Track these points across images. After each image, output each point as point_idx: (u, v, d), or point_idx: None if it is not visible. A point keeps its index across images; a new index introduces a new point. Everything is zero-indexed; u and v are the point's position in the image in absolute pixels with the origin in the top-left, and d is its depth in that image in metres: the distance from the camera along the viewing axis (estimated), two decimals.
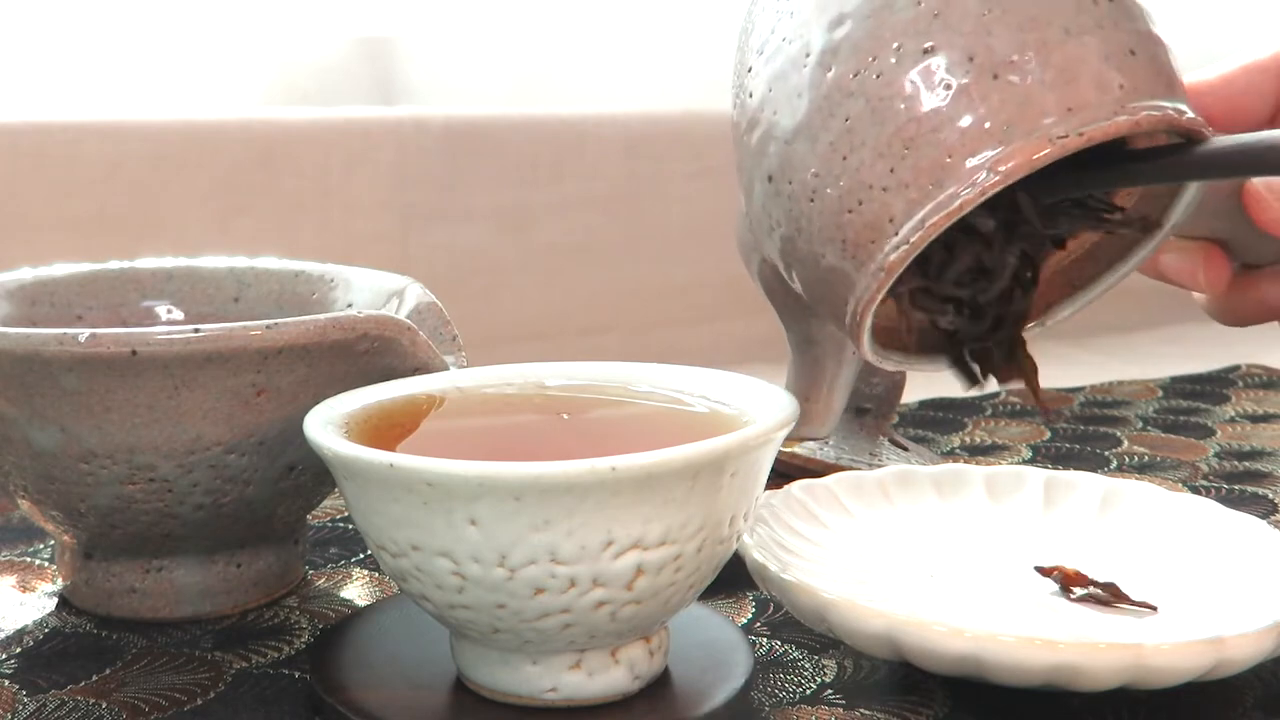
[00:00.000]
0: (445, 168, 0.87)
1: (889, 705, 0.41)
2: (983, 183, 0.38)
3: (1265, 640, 0.39)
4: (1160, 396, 0.80)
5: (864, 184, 0.40)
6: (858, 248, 0.40)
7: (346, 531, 0.56)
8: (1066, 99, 0.39)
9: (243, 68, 0.90)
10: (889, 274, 0.40)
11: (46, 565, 0.52)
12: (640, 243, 0.93)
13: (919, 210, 0.39)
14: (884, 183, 0.39)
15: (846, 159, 0.40)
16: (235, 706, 0.41)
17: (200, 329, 0.41)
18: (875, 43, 0.40)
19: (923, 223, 0.39)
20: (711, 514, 0.37)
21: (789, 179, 0.42)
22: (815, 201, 0.41)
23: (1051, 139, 0.38)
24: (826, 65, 0.41)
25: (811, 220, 0.41)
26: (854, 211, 0.40)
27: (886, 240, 0.40)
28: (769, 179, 0.42)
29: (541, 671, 0.38)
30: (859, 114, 0.40)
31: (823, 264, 0.42)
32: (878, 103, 0.39)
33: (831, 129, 0.40)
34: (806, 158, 0.41)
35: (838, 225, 0.41)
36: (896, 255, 0.40)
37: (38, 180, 0.78)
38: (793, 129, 0.41)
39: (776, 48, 0.43)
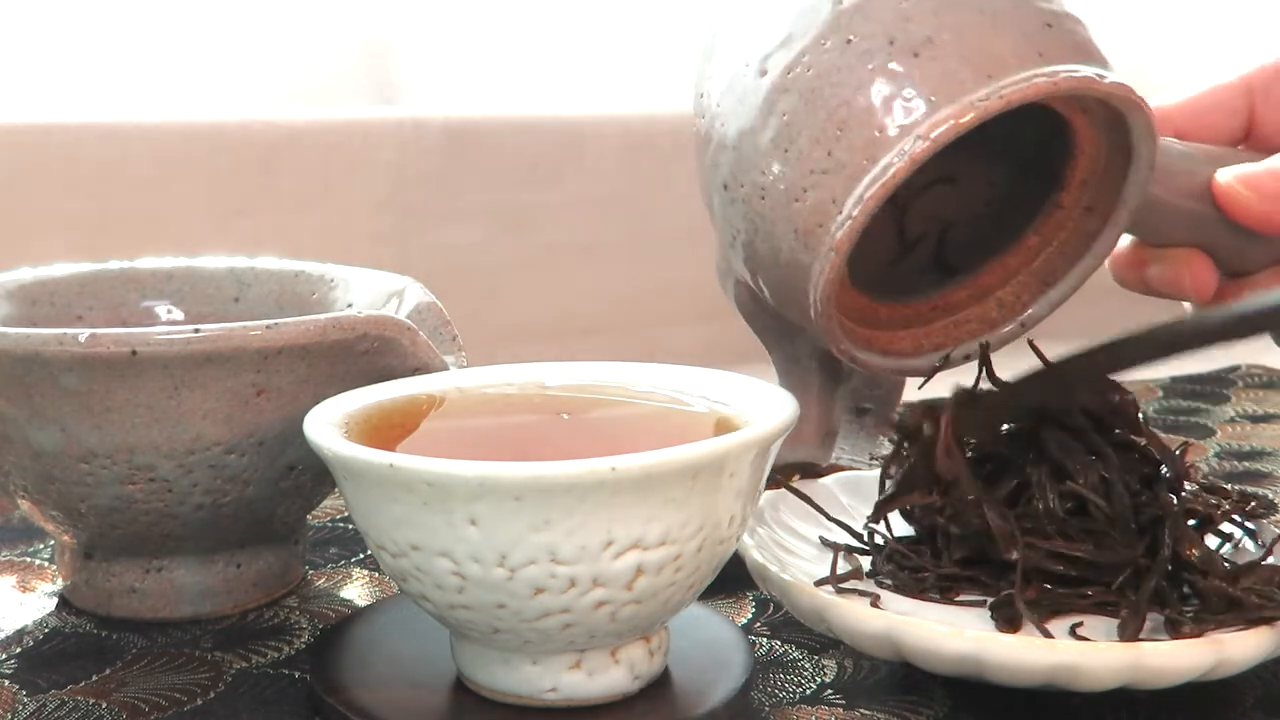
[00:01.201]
0: (445, 168, 0.87)
1: (889, 705, 0.41)
2: (912, 150, 0.40)
3: (1265, 640, 0.39)
4: (1160, 396, 0.80)
5: (806, 172, 0.41)
6: (808, 235, 0.42)
7: (346, 531, 0.56)
8: (986, 68, 0.41)
9: (243, 68, 0.90)
10: (839, 253, 0.41)
11: (46, 565, 0.52)
12: (640, 243, 0.93)
13: (857, 185, 0.41)
14: (824, 166, 0.41)
15: (788, 151, 0.42)
16: (235, 706, 0.41)
17: (200, 329, 0.41)
18: (804, 41, 0.42)
19: (861, 197, 0.40)
20: (711, 514, 0.37)
21: (741, 183, 0.43)
22: (766, 199, 0.43)
23: (974, 103, 0.40)
24: (763, 70, 0.43)
25: (765, 218, 0.43)
26: (800, 200, 0.42)
27: (832, 220, 0.41)
28: (724, 187, 0.44)
29: (541, 671, 0.38)
30: (794, 108, 0.42)
31: (781, 259, 0.43)
32: (810, 95, 0.41)
33: (771, 126, 0.42)
34: (753, 158, 0.43)
35: (788, 217, 0.42)
36: (843, 232, 0.41)
37: (38, 180, 0.77)
38: (738, 134, 0.43)
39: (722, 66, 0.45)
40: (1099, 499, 0.42)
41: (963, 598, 0.42)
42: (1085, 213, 0.46)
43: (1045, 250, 0.47)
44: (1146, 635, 0.40)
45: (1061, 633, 0.40)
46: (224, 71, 0.89)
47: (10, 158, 0.77)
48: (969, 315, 0.48)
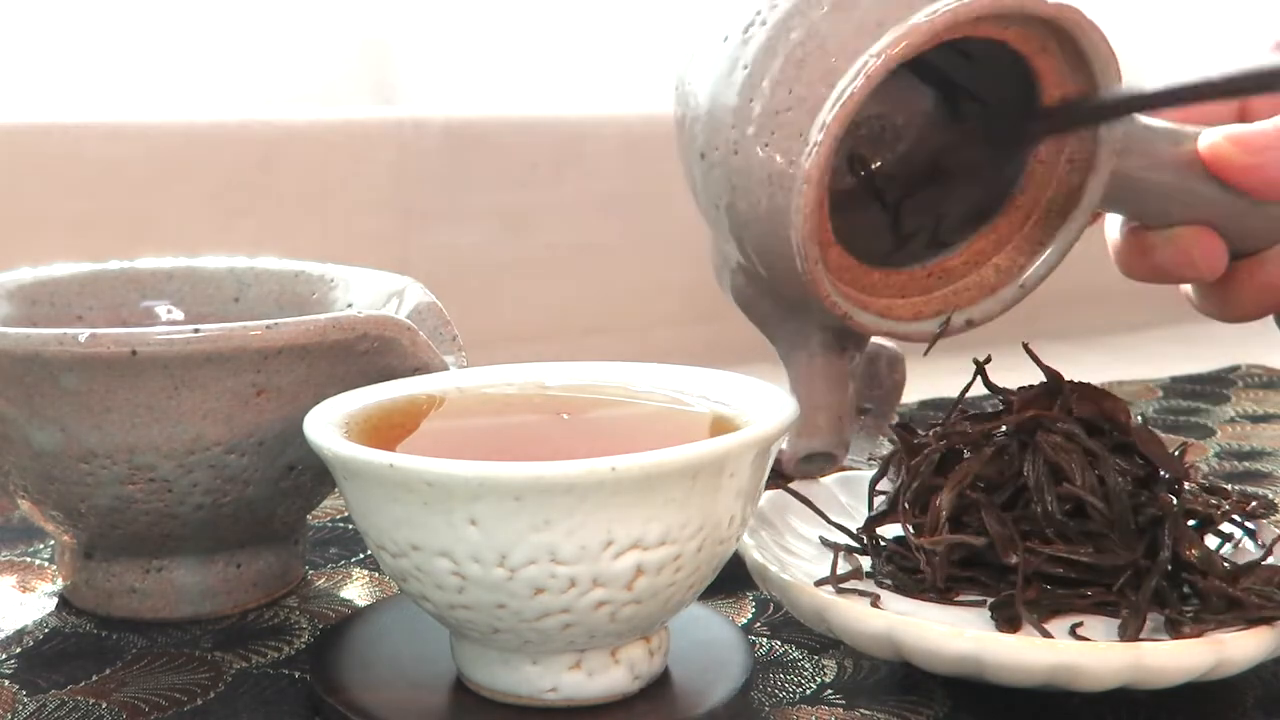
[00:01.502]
0: (445, 168, 0.87)
1: (889, 705, 0.41)
2: (865, 69, 0.41)
3: (1265, 640, 0.39)
4: (1160, 396, 0.80)
5: (771, 114, 0.42)
6: (780, 176, 0.42)
7: (346, 531, 0.56)
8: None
9: (243, 68, 0.90)
10: (810, 182, 0.41)
11: (46, 565, 0.52)
12: (640, 243, 0.93)
13: (819, 115, 0.41)
14: (787, 104, 0.42)
15: (753, 100, 0.43)
16: (235, 706, 0.41)
17: (200, 329, 0.41)
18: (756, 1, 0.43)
19: (824, 123, 0.41)
20: (711, 514, 0.37)
21: (715, 145, 0.44)
22: (739, 153, 0.43)
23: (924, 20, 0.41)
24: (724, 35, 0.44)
25: (740, 173, 0.43)
26: (769, 144, 0.42)
27: (801, 154, 0.42)
28: (701, 157, 0.45)
29: (541, 671, 0.38)
30: (755, 58, 0.43)
31: (761, 211, 0.43)
32: (768, 42, 0.42)
33: (736, 81, 0.43)
34: (722, 118, 0.43)
35: (761, 164, 0.43)
36: (810, 160, 0.41)
37: (38, 180, 0.77)
38: (709, 99, 0.44)
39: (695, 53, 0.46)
40: (1097, 500, 0.42)
41: (963, 598, 0.42)
42: (1068, 165, 0.46)
43: (1035, 210, 0.47)
44: (1146, 635, 0.40)
45: (1061, 633, 0.40)
46: (224, 71, 0.89)
47: (10, 158, 0.77)
48: (967, 283, 0.48)
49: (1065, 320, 0.86)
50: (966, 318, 0.47)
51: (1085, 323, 0.94)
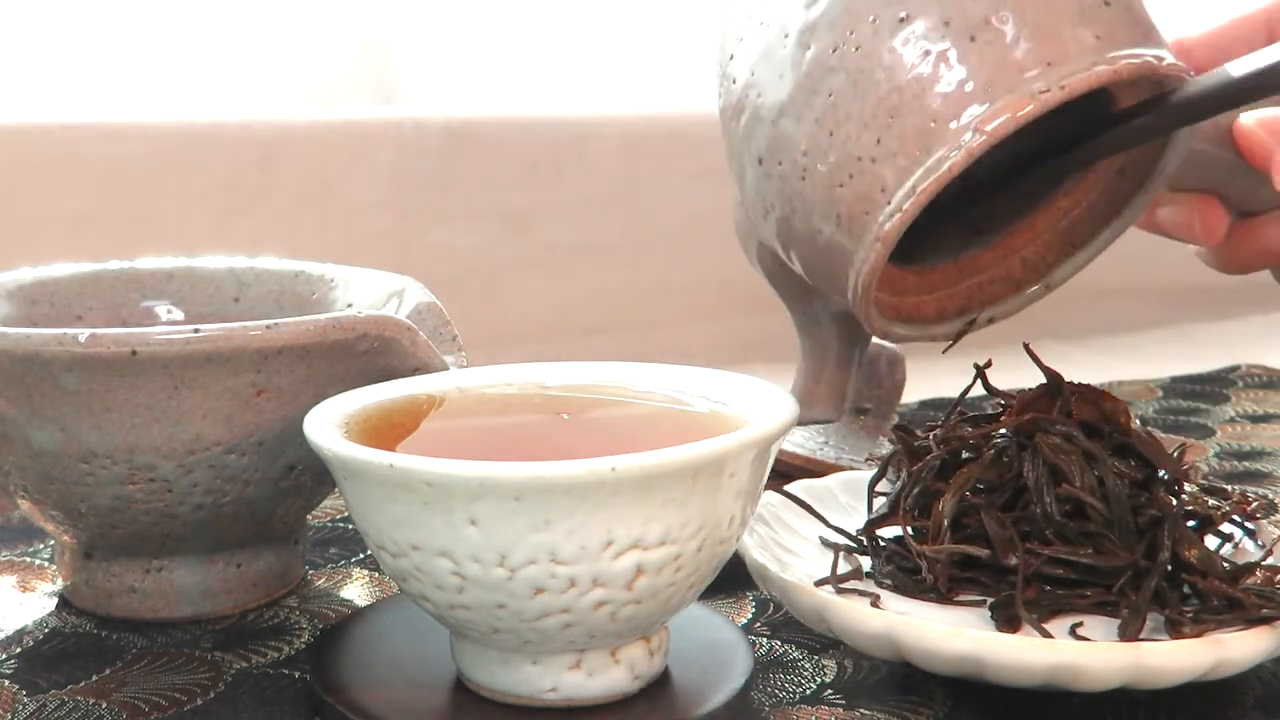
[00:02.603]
0: (445, 168, 0.87)
1: (889, 705, 0.41)
2: (969, 143, 0.39)
3: (1265, 640, 0.39)
4: (1160, 396, 0.80)
5: (853, 157, 0.40)
6: (852, 220, 0.41)
7: (346, 531, 0.56)
8: (1044, 54, 0.39)
9: (243, 68, 0.90)
10: (885, 244, 0.40)
11: (46, 565, 0.52)
12: (640, 243, 0.93)
13: (909, 177, 0.39)
14: (872, 154, 0.40)
15: (833, 134, 0.40)
16: (235, 706, 0.41)
17: (200, 329, 0.41)
18: (851, 17, 0.40)
19: (914, 189, 0.39)
20: (711, 514, 0.37)
21: (778, 159, 0.42)
22: (806, 179, 0.41)
23: (1033, 94, 0.39)
24: (805, 43, 0.41)
25: (804, 198, 0.42)
26: (845, 185, 0.40)
27: (880, 210, 0.40)
28: (759, 162, 0.43)
29: (541, 671, 0.38)
30: (841, 88, 0.40)
31: (820, 241, 0.42)
32: (859, 75, 0.40)
33: (815, 106, 0.41)
34: (794, 137, 0.41)
35: (831, 200, 0.41)
36: (891, 224, 0.40)
37: (38, 180, 0.77)
38: (778, 109, 0.42)
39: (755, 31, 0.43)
40: (1096, 501, 0.42)
41: (962, 598, 0.42)
42: (1118, 175, 0.45)
43: (1074, 211, 0.47)
44: (1146, 635, 0.40)
45: (1061, 633, 0.40)
46: (224, 71, 0.89)
47: (10, 158, 0.77)
48: (993, 275, 0.47)
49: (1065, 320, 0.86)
50: (989, 315, 0.47)
51: (1085, 323, 0.94)
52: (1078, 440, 0.43)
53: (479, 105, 0.93)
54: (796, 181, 0.41)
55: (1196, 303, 0.99)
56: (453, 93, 0.95)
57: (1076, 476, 0.42)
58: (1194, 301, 0.99)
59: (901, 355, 0.59)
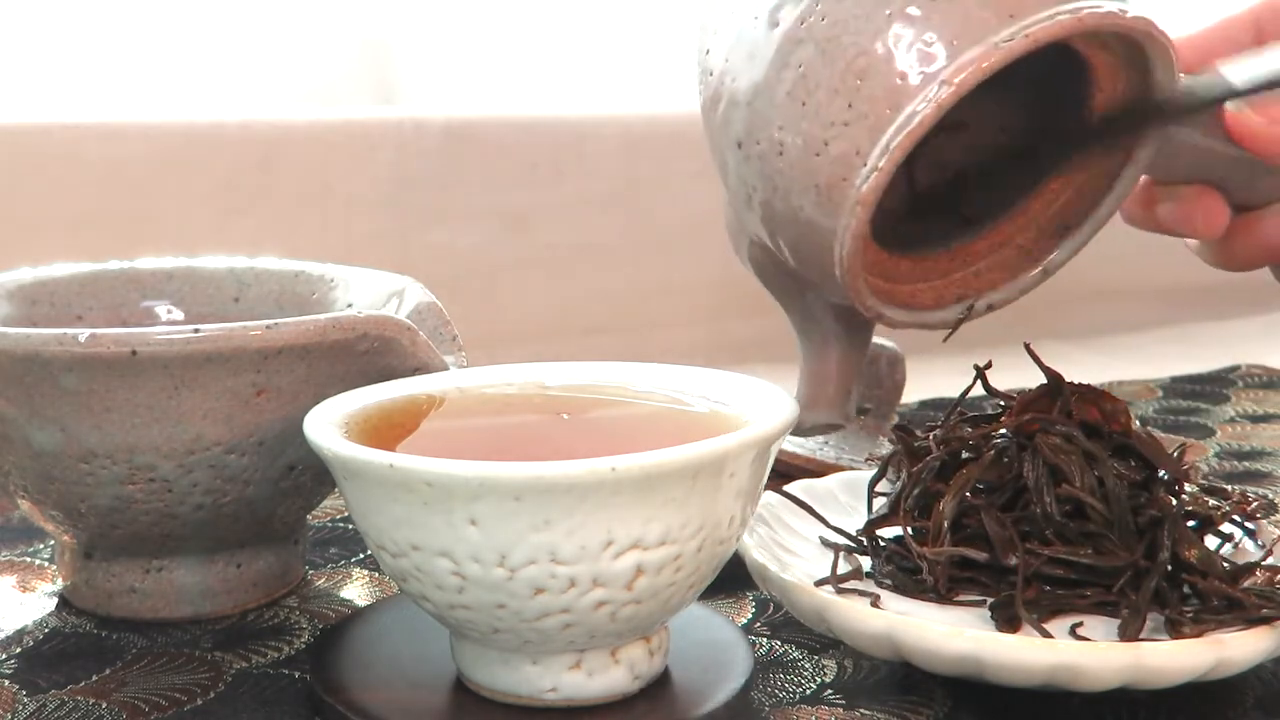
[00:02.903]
0: (445, 168, 0.87)
1: (889, 705, 0.41)
2: (937, 96, 0.39)
3: (1265, 640, 0.39)
4: (1160, 396, 0.80)
5: (826, 123, 0.40)
6: (831, 189, 0.41)
7: (346, 531, 0.56)
8: (1007, 8, 0.39)
9: (243, 68, 0.90)
10: (865, 206, 0.40)
11: (46, 565, 0.52)
12: (640, 243, 0.93)
13: (881, 136, 0.39)
14: (844, 118, 0.40)
15: (805, 104, 0.41)
16: (235, 706, 0.41)
17: (200, 329, 0.41)
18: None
19: (887, 147, 0.39)
20: (711, 514, 0.37)
21: (756, 139, 0.42)
22: (784, 154, 0.41)
23: (997, 44, 0.39)
24: (774, 21, 0.41)
25: (783, 175, 0.42)
26: (821, 154, 0.40)
27: (856, 173, 0.40)
28: (738, 146, 0.43)
29: (541, 671, 0.38)
30: (810, 59, 0.40)
31: (802, 218, 0.42)
32: (826, 44, 0.40)
33: (786, 79, 0.41)
34: (768, 113, 0.41)
35: (809, 171, 0.41)
36: (868, 185, 0.40)
37: (38, 180, 0.77)
38: (751, 89, 0.42)
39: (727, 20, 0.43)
40: (1096, 501, 0.42)
41: (962, 598, 0.42)
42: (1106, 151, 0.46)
43: (1065, 193, 0.46)
44: (1146, 635, 0.40)
45: (1061, 633, 0.40)
46: (224, 71, 0.89)
47: (10, 158, 0.77)
48: (989, 263, 0.47)
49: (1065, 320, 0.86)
50: (987, 302, 0.47)
51: (1085, 323, 0.94)
52: (1078, 440, 0.43)
53: (479, 105, 0.93)
54: (775, 159, 0.42)
55: (1196, 303, 0.99)
56: (453, 93, 0.95)
57: (1076, 477, 0.42)
58: (1194, 301, 0.99)
59: (901, 355, 0.59)
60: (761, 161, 0.42)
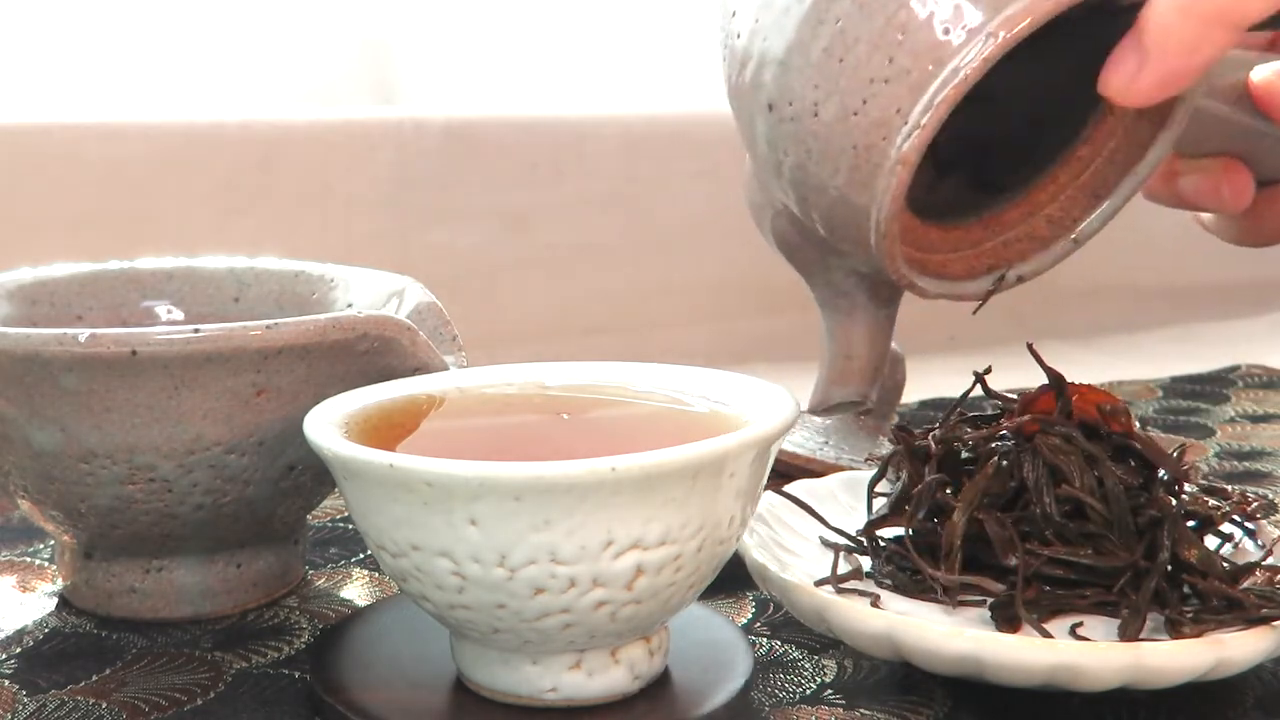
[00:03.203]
0: (445, 168, 0.87)
1: (889, 705, 0.41)
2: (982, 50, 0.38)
3: (1265, 640, 0.39)
4: (1160, 396, 0.80)
5: (865, 80, 0.39)
6: (869, 149, 0.39)
7: (346, 531, 0.56)
8: None
9: (243, 68, 0.90)
10: (906, 166, 0.39)
11: (46, 565, 0.52)
12: (640, 243, 0.93)
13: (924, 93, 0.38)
14: (884, 74, 0.39)
15: (843, 60, 0.39)
16: (235, 706, 0.41)
17: (200, 329, 0.41)
18: None
19: (931, 103, 0.38)
20: (711, 514, 0.37)
21: (789, 100, 0.41)
22: (820, 115, 0.40)
23: None
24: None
25: (819, 137, 0.40)
26: (859, 113, 0.39)
27: (897, 132, 0.39)
28: (769, 108, 0.41)
29: (541, 671, 0.38)
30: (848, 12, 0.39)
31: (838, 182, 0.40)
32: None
33: (823, 35, 0.40)
34: (804, 72, 0.40)
35: (846, 132, 0.40)
36: (910, 144, 0.38)
37: (38, 180, 0.78)
38: (785, 49, 0.40)
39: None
40: (1096, 502, 0.42)
41: (963, 598, 0.42)
42: (1136, 118, 0.44)
43: (1095, 160, 0.45)
44: (1146, 635, 0.40)
45: (1061, 633, 0.40)
46: (224, 71, 0.89)
47: (10, 158, 0.77)
48: (1019, 234, 0.46)
49: (1065, 320, 0.86)
50: (1018, 274, 0.46)
51: (1085, 323, 0.94)
52: (1077, 441, 0.43)
53: (479, 105, 0.93)
54: (809, 120, 0.40)
55: (1196, 303, 0.99)
56: (453, 93, 0.95)
57: (1076, 477, 0.42)
58: (1194, 301, 0.99)
59: (901, 355, 0.59)
60: (795, 124, 0.41)
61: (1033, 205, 0.46)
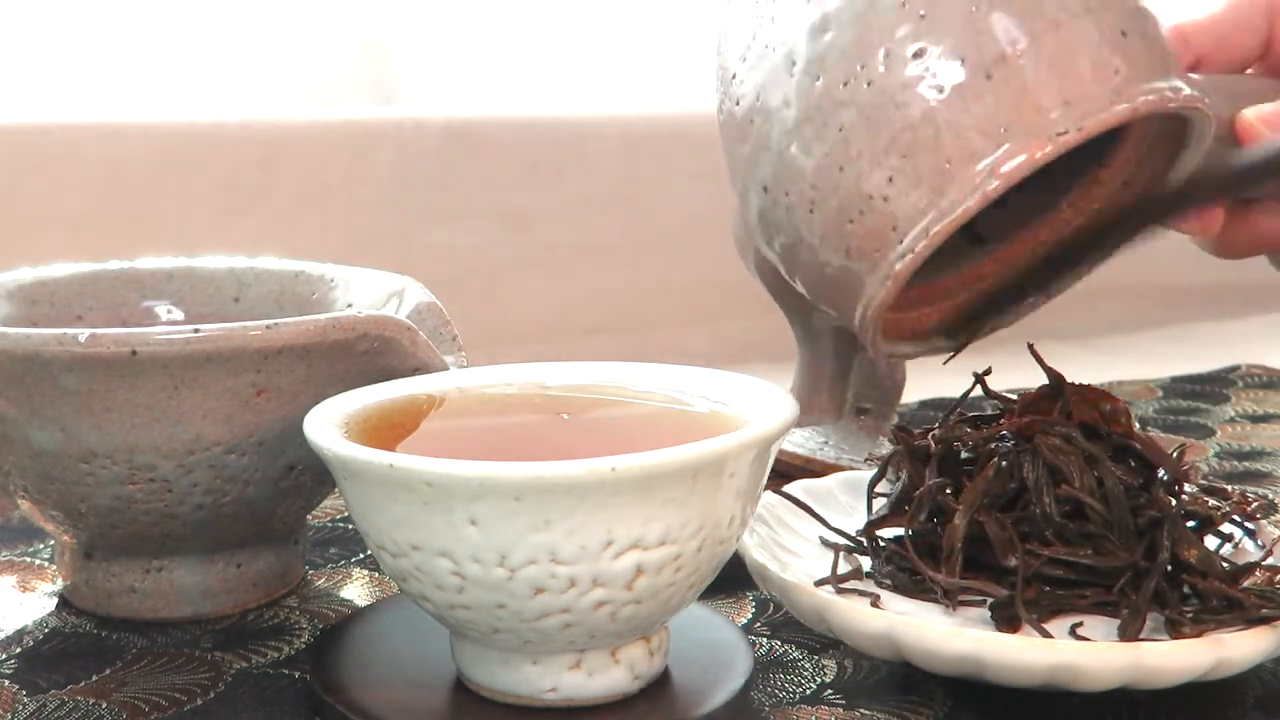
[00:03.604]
0: (445, 168, 0.87)
1: (889, 705, 0.41)
2: (984, 188, 0.38)
3: (1265, 640, 0.39)
4: (1160, 396, 0.80)
5: (864, 194, 0.39)
6: (862, 255, 0.40)
7: (346, 531, 0.56)
8: (1063, 92, 0.38)
9: (243, 68, 0.90)
10: (896, 282, 0.40)
11: (46, 565, 0.52)
12: (640, 243, 0.93)
13: (922, 219, 0.39)
14: (884, 191, 0.39)
15: (844, 170, 0.39)
16: (235, 706, 0.41)
17: (200, 329, 0.41)
18: (862, 49, 0.39)
19: (927, 231, 0.39)
20: (711, 514, 0.37)
21: (785, 190, 0.41)
22: (815, 213, 0.41)
23: (1051, 136, 0.38)
24: (814, 74, 0.40)
25: (813, 230, 0.41)
26: (855, 222, 0.40)
27: (891, 248, 0.39)
28: (764, 189, 0.42)
29: (541, 671, 0.38)
30: (852, 124, 0.39)
31: (828, 271, 0.41)
32: (871, 111, 0.39)
33: (826, 140, 0.40)
34: (802, 169, 0.40)
35: (840, 234, 0.40)
36: (903, 264, 0.39)
37: (38, 180, 0.77)
38: (784, 140, 0.41)
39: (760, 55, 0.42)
40: (1095, 502, 0.42)
41: (963, 598, 0.42)
42: (1122, 187, 0.45)
43: (1077, 220, 0.46)
44: (1146, 635, 0.40)
45: (1061, 633, 0.40)
46: (224, 71, 0.89)
47: (10, 158, 0.77)
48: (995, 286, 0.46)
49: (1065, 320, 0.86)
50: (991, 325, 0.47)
51: (1085, 323, 0.94)
52: (1077, 441, 0.43)
53: (479, 105, 0.93)
54: (804, 213, 0.41)
55: (1196, 303, 0.99)
56: (453, 93, 0.95)
57: (1076, 477, 0.42)
58: (1194, 301, 0.99)
59: None
60: (789, 212, 0.41)
61: (1010, 260, 0.47)
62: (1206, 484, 0.46)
